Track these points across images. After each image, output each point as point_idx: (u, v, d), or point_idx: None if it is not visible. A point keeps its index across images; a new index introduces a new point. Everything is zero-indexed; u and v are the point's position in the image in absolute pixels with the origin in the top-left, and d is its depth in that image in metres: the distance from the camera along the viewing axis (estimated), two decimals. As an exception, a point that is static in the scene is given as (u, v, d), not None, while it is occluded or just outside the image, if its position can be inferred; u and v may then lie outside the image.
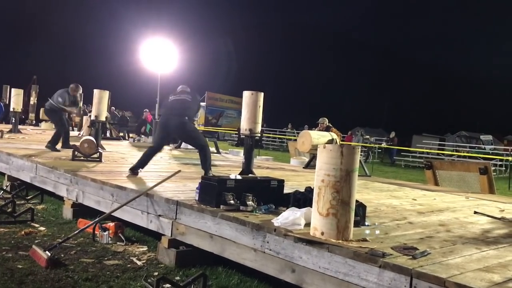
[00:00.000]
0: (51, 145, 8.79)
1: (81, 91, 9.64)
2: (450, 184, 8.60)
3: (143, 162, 6.22)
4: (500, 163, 21.71)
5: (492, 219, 4.85)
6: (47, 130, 16.35)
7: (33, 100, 19.63)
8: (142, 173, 6.11)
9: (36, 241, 4.55)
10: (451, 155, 24.30)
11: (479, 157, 21.03)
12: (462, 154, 23.99)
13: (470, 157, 21.54)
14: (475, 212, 5.17)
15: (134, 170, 6.07)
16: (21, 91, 14.30)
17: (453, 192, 7.45)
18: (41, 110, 19.86)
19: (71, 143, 9.10)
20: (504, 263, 3.03)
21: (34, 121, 20.09)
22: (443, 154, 25.18)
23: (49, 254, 3.90)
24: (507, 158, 20.63)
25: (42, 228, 5.07)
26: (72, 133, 14.17)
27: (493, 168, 14.64)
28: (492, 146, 30.40)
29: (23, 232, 4.78)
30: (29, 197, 6.49)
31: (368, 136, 26.41)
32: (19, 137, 12.09)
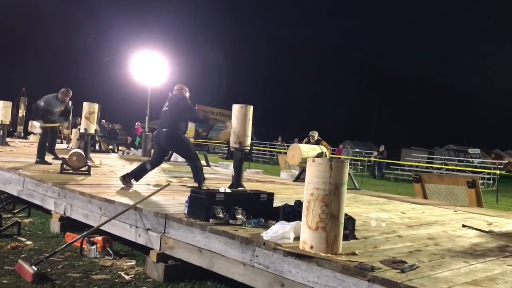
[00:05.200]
0: (40, 159, 8.63)
1: (71, 95, 9.23)
2: (438, 198, 8.65)
3: (136, 174, 6.21)
4: (488, 176, 21.90)
5: (480, 232, 4.88)
6: (35, 143, 16.21)
7: (21, 112, 19.46)
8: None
9: (23, 255, 4.48)
10: (440, 169, 24.48)
11: (467, 170, 21.23)
12: (450, 167, 24.20)
13: (458, 171, 21.73)
14: (464, 226, 5.20)
15: (126, 178, 6.05)
16: (9, 104, 14.18)
17: (441, 205, 7.49)
18: (30, 122, 19.71)
19: (59, 156, 9.01)
20: (491, 276, 3.05)
21: (22, 134, 19.91)
22: (431, 167, 25.37)
23: (35, 269, 3.84)
24: (495, 171, 20.83)
25: (28, 242, 5.00)
26: (61, 146, 14.07)
27: (481, 181, 14.78)
28: (480, 160, 30.70)
29: (9, 246, 4.71)
30: (16, 211, 6.40)
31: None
32: (7, 149, 11.97)
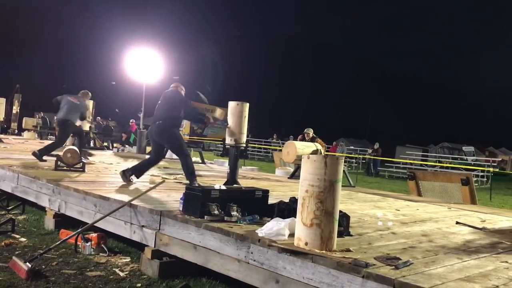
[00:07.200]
0: (40, 154, 8.54)
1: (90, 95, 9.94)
2: (432, 195, 8.70)
3: (136, 170, 6.23)
4: (482, 174, 21.99)
5: (474, 229, 4.92)
6: (29, 140, 16.15)
7: (15, 109, 19.41)
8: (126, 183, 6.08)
9: (17, 252, 4.47)
10: (434, 166, 24.57)
11: (461, 168, 21.29)
12: (444, 165, 24.28)
13: (452, 168, 21.80)
14: (457, 223, 5.23)
15: (125, 173, 6.07)
16: (3, 100, 14.15)
17: (435, 202, 7.53)
18: (24, 119, 19.62)
19: (53, 152, 8.97)
20: (484, 273, 3.07)
21: (16, 131, 19.83)
22: (426, 165, 25.45)
23: (30, 266, 3.83)
24: (489, 169, 20.93)
25: (23, 239, 4.99)
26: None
27: (474, 179, 14.83)
28: (474, 157, 30.82)
29: (3, 243, 4.70)
30: (10, 208, 6.39)
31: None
32: (1, 146, 11.91)
